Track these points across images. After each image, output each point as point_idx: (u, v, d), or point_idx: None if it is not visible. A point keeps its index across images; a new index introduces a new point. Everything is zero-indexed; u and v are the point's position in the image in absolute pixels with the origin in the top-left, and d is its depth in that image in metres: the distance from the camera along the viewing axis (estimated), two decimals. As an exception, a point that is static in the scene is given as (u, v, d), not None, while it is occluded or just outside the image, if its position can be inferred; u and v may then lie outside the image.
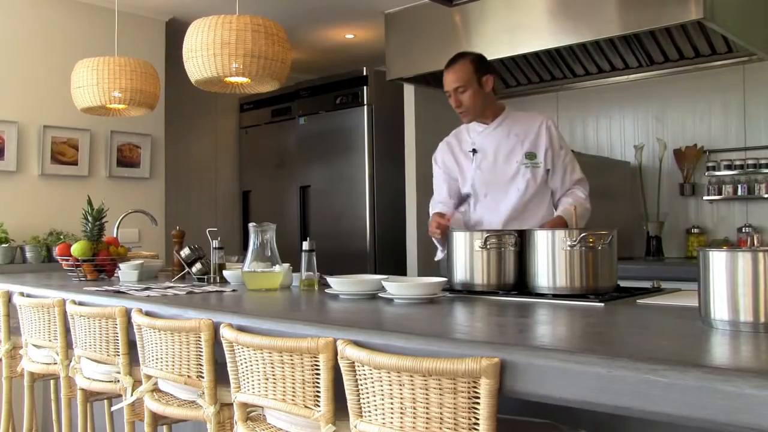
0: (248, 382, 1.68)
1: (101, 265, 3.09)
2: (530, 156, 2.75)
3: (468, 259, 2.11)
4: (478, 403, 1.22)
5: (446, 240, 2.72)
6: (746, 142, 4.09)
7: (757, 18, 3.74)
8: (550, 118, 2.84)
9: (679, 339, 1.34)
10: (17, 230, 4.00)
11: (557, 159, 2.79)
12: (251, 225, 2.52)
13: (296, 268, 2.57)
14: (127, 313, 2.14)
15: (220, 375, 1.84)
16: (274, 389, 1.60)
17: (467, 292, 2.12)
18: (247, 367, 1.67)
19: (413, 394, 1.29)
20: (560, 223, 2.61)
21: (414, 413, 1.29)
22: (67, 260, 3.10)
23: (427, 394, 1.27)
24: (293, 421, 1.62)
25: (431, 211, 2.83)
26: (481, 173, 2.79)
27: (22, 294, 2.74)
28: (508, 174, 2.76)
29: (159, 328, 1.95)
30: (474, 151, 2.82)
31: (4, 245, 3.84)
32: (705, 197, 4.16)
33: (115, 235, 3.55)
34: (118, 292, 2.48)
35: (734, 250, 1.35)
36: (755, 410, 0.94)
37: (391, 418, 1.33)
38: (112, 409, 2.54)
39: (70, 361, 2.48)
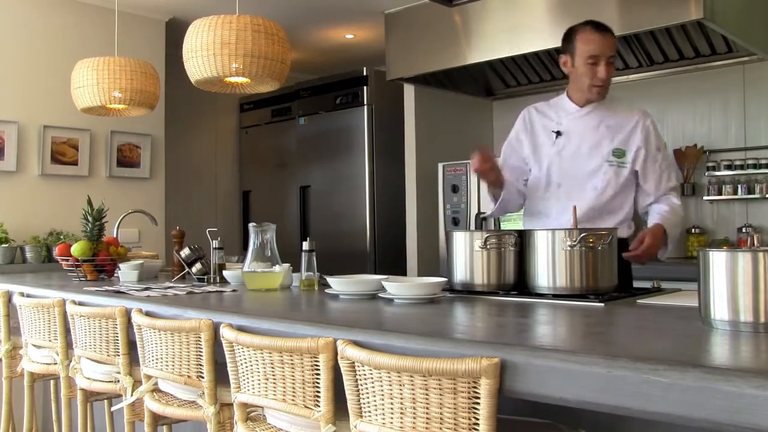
0: (248, 382, 1.68)
1: (101, 265, 3.09)
2: (618, 153, 2.45)
3: (468, 259, 2.11)
4: (478, 403, 1.22)
5: (498, 185, 2.49)
6: (746, 142, 4.09)
7: (757, 18, 3.75)
8: (650, 116, 2.54)
9: (679, 339, 1.34)
10: (17, 230, 4.00)
11: (652, 162, 2.49)
12: (251, 225, 2.52)
13: (296, 268, 2.57)
14: (127, 313, 2.14)
15: (220, 375, 1.83)
16: (274, 389, 1.60)
17: (467, 292, 2.12)
18: (247, 367, 1.67)
19: (413, 394, 1.29)
20: (659, 232, 2.37)
21: (414, 413, 1.29)
22: (67, 260, 3.10)
23: (427, 394, 1.27)
24: (293, 421, 1.62)
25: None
26: (559, 160, 2.51)
27: (22, 294, 2.74)
28: (590, 168, 2.47)
29: (159, 328, 1.95)
30: (558, 133, 2.52)
31: (4, 245, 3.83)
32: (705, 197, 4.16)
33: (115, 235, 3.54)
34: (118, 292, 2.48)
35: (734, 250, 1.35)
36: (755, 410, 0.94)
37: (391, 418, 1.33)
38: (112, 409, 2.54)
39: (70, 361, 2.48)
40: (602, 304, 1.82)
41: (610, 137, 2.48)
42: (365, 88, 5.02)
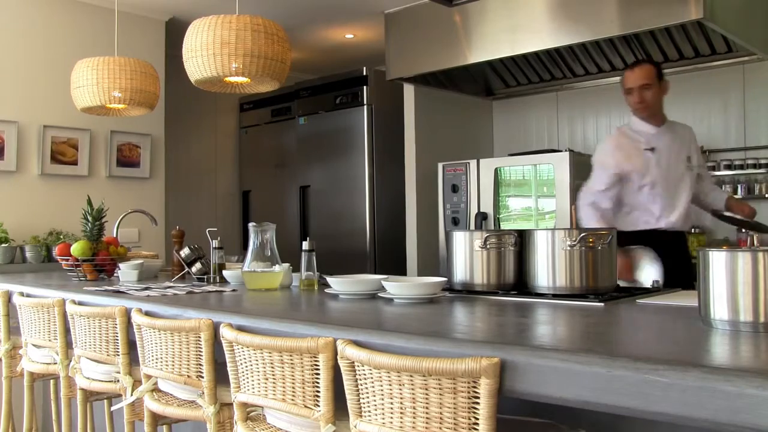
0: (248, 382, 1.68)
1: (101, 265, 3.09)
2: (689, 159, 3.11)
3: (468, 259, 2.11)
4: (478, 403, 1.22)
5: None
6: (746, 142, 4.09)
7: (757, 18, 3.75)
8: (691, 128, 3.24)
9: (679, 339, 1.34)
10: (17, 230, 4.00)
11: (702, 163, 3.23)
12: (251, 225, 2.52)
13: (296, 268, 2.57)
14: (127, 313, 2.14)
15: (220, 375, 1.83)
16: (274, 389, 1.60)
17: (467, 292, 2.12)
18: (247, 367, 1.67)
19: (413, 393, 1.29)
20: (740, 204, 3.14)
21: (414, 413, 1.29)
22: (67, 260, 3.10)
23: (426, 394, 1.27)
24: (293, 420, 1.62)
25: (593, 211, 3.06)
26: (660, 170, 3.04)
27: (22, 294, 2.74)
28: (679, 173, 3.08)
29: (159, 327, 1.95)
30: (652, 149, 3.05)
31: (4, 245, 3.83)
32: (705, 197, 4.15)
33: (115, 235, 3.54)
34: (118, 292, 2.48)
35: (734, 250, 1.35)
36: (755, 410, 0.94)
37: (391, 417, 1.33)
38: (112, 409, 2.54)
39: (70, 361, 2.48)
40: (602, 304, 1.82)
41: (685, 147, 3.13)
42: (365, 88, 5.02)
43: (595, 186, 3.12)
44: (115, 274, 3.15)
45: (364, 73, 5.04)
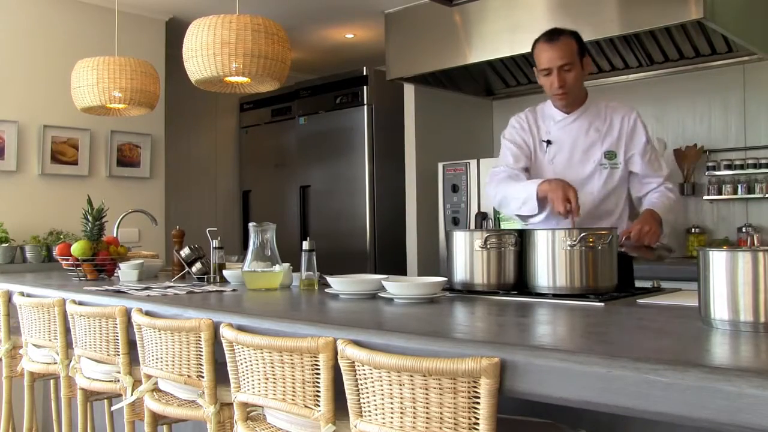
0: (248, 382, 1.68)
1: (101, 264, 3.09)
2: (610, 155, 2.47)
3: (468, 259, 2.11)
4: (478, 403, 1.22)
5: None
6: (746, 142, 4.09)
7: (757, 18, 3.75)
8: (635, 110, 2.54)
9: (679, 339, 1.34)
10: (17, 230, 4.00)
11: (641, 156, 2.49)
12: (251, 225, 2.52)
13: (296, 268, 2.57)
14: (127, 313, 2.14)
15: (220, 375, 1.84)
16: (274, 389, 1.60)
17: (467, 292, 2.12)
18: (247, 366, 1.67)
19: (413, 393, 1.29)
20: (649, 217, 2.34)
21: (414, 413, 1.29)
22: (67, 260, 3.10)
23: (427, 394, 1.27)
24: (293, 420, 1.62)
25: (499, 178, 2.51)
26: (553, 168, 2.50)
27: (22, 294, 2.74)
28: (583, 174, 2.47)
29: (159, 327, 1.96)
30: (548, 142, 2.52)
31: (4, 245, 3.83)
32: (705, 197, 4.16)
33: (115, 235, 3.54)
34: (118, 291, 2.48)
35: (734, 249, 1.35)
36: (755, 410, 0.94)
37: (391, 417, 1.33)
38: (112, 408, 2.55)
39: (70, 361, 2.48)
40: (602, 304, 1.82)
41: (600, 141, 2.49)
42: (365, 87, 5.02)
43: (503, 162, 2.57)
44: (115, 274, 3.15)
45: (364, 73, 5.04)
